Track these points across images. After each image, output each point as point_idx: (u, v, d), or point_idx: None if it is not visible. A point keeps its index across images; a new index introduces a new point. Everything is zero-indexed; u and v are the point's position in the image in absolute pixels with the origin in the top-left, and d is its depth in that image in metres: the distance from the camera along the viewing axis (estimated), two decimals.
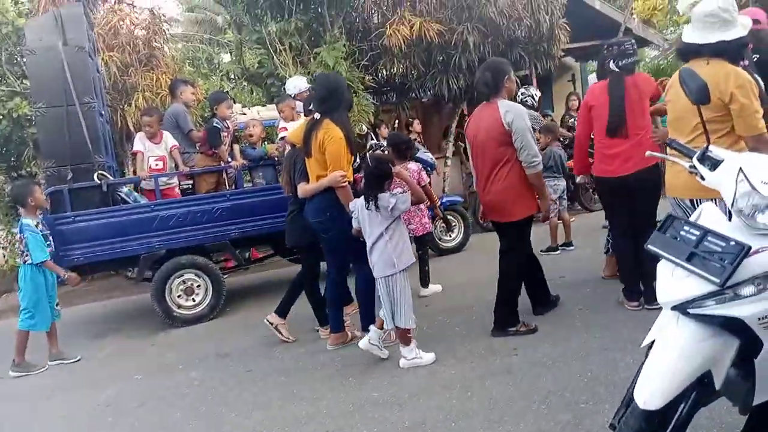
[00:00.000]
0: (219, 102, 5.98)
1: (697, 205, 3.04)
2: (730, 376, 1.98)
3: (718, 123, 3.05)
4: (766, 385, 1.98)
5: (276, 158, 6.07)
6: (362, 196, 3.87)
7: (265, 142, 6.34)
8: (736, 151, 2.94)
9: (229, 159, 6.10)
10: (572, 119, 9.18)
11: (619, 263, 4.58)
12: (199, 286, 5.89)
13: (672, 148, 2.40)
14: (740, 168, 2.03)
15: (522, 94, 7.55)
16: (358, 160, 4.63)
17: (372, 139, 7.96)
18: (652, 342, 2.20)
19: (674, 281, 2.08)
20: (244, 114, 7.02)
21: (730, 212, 2.12)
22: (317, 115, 4.05)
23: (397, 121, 10.75)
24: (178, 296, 5.83)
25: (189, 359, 4.80)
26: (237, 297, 6.64)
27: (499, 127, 3.94)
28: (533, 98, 7.64)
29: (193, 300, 5.88)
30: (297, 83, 6.61)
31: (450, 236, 7.71)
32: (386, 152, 5.29)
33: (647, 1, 13.68)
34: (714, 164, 2.17)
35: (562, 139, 8.42)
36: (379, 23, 9.17)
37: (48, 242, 5.11)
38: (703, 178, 2.19)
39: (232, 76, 11.26)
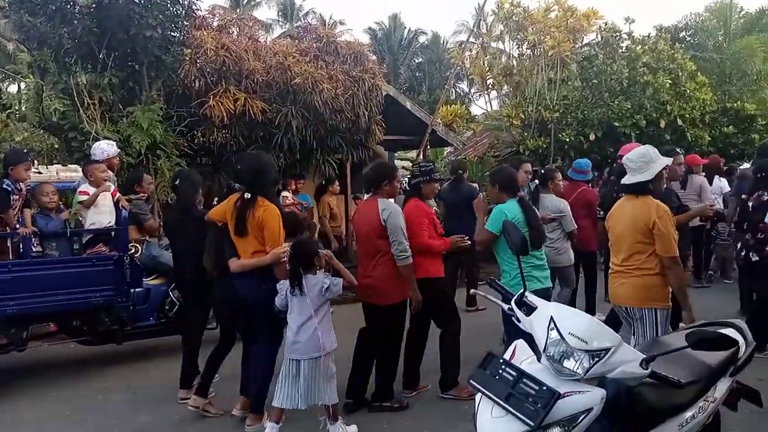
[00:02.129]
0: (17, 163, 5.25)
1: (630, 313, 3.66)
2: None
3: (646, 245, 3.61)
4: None
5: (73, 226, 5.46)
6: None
7: (70, 210, 5.66)
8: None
9: (17, 225, 5.34)
10: None
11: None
12: None
13: (493, 288, 2.67)
14: (551, 317, 2.33)
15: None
16: None
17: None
18: None
19: (492, 419, 2.28)
20: (40, 173, 6.26)
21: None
22: (247, 195, 4.14)
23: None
24: None
25: None
26: (4, 380, 5.68)
27: (378, 223, 4.48)
28: None
29: None
30: (105, 148, 6.12)
31: None
32: None
33: (450, 107, 15.44)
34: (529, 309, 2.47)
35: None
36: (201, 91, 8.95)
37: None
38: (519, 320, 2.47)
39: (19, 109, 10.01)
